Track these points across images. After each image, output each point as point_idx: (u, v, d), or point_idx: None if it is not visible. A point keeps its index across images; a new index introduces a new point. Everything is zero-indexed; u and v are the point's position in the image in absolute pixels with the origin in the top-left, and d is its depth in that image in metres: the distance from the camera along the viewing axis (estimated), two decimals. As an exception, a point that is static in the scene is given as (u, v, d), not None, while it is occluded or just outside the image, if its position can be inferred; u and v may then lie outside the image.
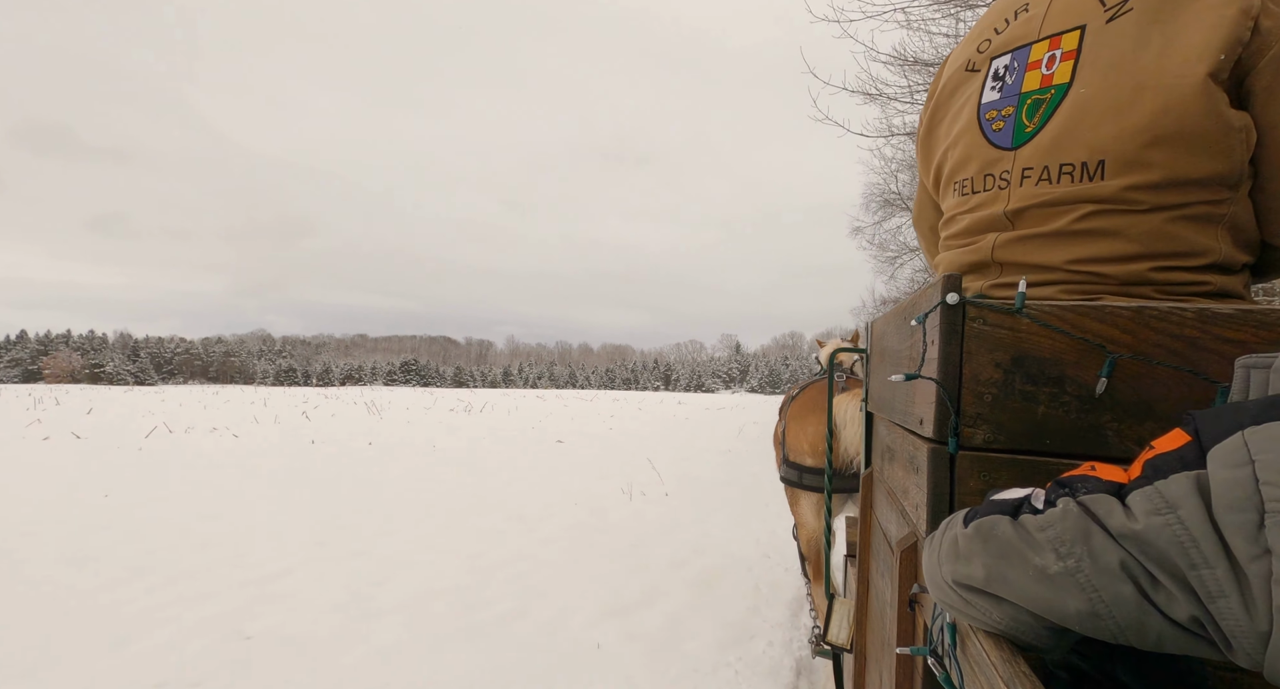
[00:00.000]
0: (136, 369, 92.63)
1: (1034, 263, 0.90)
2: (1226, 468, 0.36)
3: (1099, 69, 0.83)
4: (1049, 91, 0.88)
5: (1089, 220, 0.84)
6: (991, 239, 0.95)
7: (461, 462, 9.01)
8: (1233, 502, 0.35)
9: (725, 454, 10.58)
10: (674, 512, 5.90)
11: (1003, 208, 0.94)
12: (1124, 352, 0.67)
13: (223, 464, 8.45)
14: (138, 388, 62.08)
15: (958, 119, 1.04)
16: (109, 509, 5.57)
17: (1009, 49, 0.96)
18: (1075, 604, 0.42)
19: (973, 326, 0.73)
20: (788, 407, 3.16)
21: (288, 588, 3.69)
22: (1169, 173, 0.80)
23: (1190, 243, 0.81)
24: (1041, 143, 0.89)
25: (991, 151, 0.96)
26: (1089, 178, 0.84)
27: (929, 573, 0.56)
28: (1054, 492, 0.48)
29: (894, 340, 1.06)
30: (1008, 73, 0.95)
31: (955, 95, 1.06)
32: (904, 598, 0.84)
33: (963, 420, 0.73)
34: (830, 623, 1.54)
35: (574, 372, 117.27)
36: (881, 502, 1.21)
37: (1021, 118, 0.92)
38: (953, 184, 1.05)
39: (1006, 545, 0.46)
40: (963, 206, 1.02)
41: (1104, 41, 0.84)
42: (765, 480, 7.56)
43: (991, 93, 0.97)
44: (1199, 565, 0.36)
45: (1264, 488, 0.34)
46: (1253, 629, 0.34)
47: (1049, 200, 0.88)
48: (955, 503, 0.74)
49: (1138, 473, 0.43)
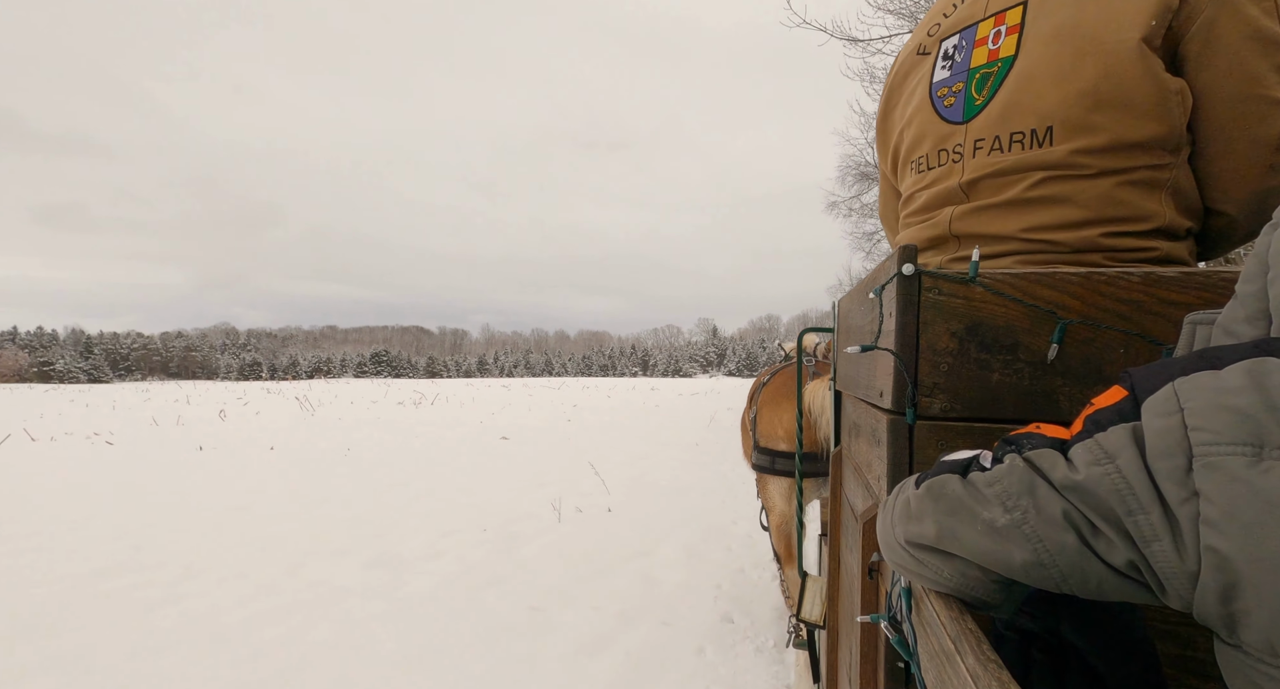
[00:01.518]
0: (89, 366, 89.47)
1: (990, 233, 0.93)
2: (1158, 417, 0.38)
3: (1041, 39, 0.87)
4: (996, 65, 0.92)
5: (1040, 187, 0.87)
6: (949, 213, 0.98)
7: (365, 471, 7.18)
8: (1164, 448, 0.36)
9: (691, 449, 9.15)
10: (612, 539, 4.37)
11: (957, 180, 0.97)
12: (1074, 317, 0.68)
13: (55, 473, 7.07)
14: (94, 386, 59.88)
15: (911, 100, 1.07)
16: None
17: (957, 29, 1.00)
18: (1021, 555, 0.43)
19: (928, 297, 0.73)
20: (759, 393, 3.16)
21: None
22: (1113, 136, 0.83)
23: (1137, 207, 0.84)
24: (991, 114, 0.92)
25: (944, 127, 0.99)
26: (1038, 144, 0.88)
27: (883, 536, 0.57)
28: (1001, 449, 0.49)
29: (857, 316, 1.07)
30: (956, 52, 0.99)
31: (908, 79, 1.10)
32: (865, 567, 0.85)
33: (920, 390, 0.73)
34: (803, 600, 1.57)
35: (550, 359, 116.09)
36: (849, 477, 1.22)
37: (971, 91, 0.95)
38: (910, 163, 1.09)
39: (956, 502, 0.48)
40: (920, 183, 1.05)
41: (1045, 13, 0.88)
42: (737, 484, 6.32)
43: (942, 71, 1.01)
44: (1135, 511, 0.37)
45: (1192, 433, 0.35)
46: (1183, 570, 0.35)
47: (1001, 169, 0.91)
48: (914, 472, 0.74)
49: (1079, 429, 0.45)
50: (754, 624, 2.92)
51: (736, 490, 6.07)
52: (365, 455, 8.48)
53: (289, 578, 3.63)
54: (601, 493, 6.00)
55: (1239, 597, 0.33)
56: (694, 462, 7.99)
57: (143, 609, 3.19)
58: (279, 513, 5.18)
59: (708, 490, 6.11)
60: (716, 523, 4.82)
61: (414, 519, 4.96)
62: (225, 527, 4.76)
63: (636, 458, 8.29)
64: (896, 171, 1.17)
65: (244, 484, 6.46)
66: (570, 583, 3.52)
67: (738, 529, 4.63)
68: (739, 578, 3.58)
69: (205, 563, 3.91)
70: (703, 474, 7.05)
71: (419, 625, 2.94)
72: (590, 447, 9.40)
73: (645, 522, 4.88)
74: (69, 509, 5.37)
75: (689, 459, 8.22)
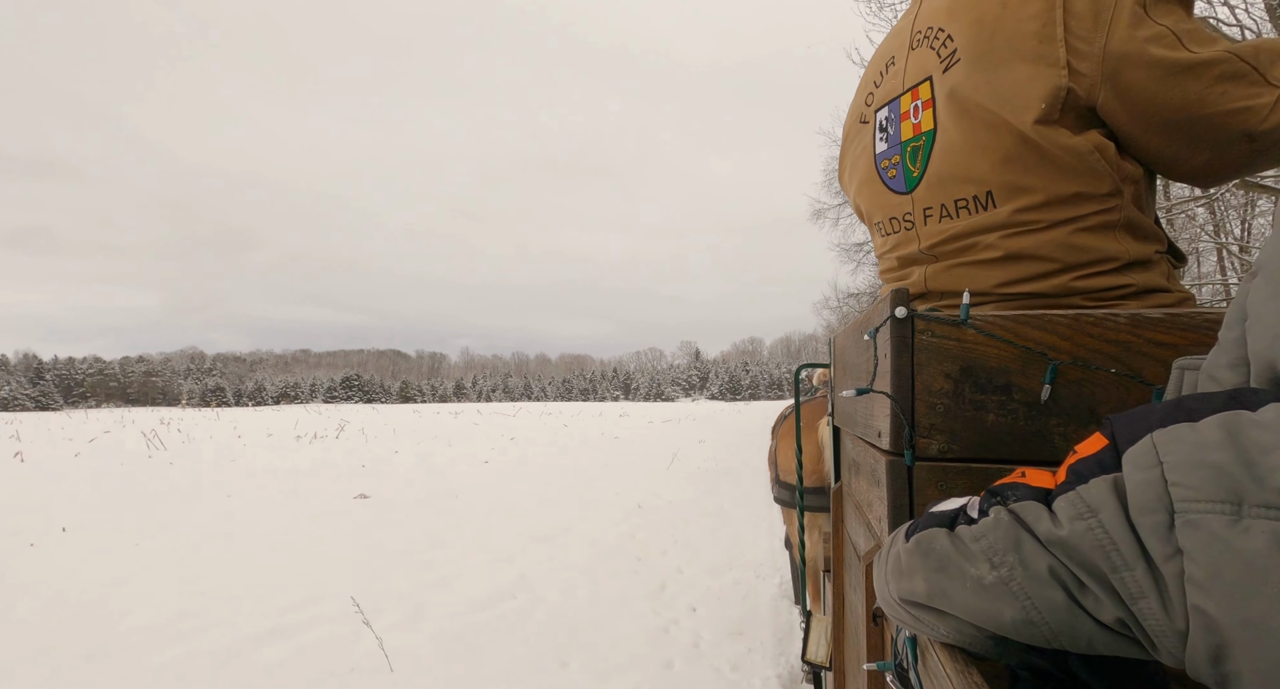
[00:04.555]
0: (38, 393, 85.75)
1: (967, 289, 0.94)
2: (1139, 470, 0.37)
3: (952, 115, 0.90)
4: (921, 138, 0.96)
5: (1000, 246, 0.89)
6: (921, 272, 1.02)
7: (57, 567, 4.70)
8: (1145, 503, 0.36)
9: (630, 517, 6.04)
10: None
11: (917, 247, 1.01)
12: (1064, 358, 0.69)
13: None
14: (37, 414, 55.39)
15: (858, 168, 1.13)
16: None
17: (885, 102, 1.04)
18: (1010, 613, 0.43)
19: (922, 339, 0.74)
20: (779, 426, 3.20)
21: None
22: (1048, 194, 0.85)
23: (1098, 250, 0.85)
24: (930, 183, 0.96)
25: (892, 197, 1.04)
26: (981, 208, 0.91)
27: (879, 590, 0.56)
28: (987, 500, 0.49)
29: (852, 355, 1.08)
30: (889, 124, 1.03)
31: (854, 144, 1.15)
32: (870, 613, 0.84)
33: (918, 431, 0.74)
34: (809, 641, 1.53)
35: (529, 383, 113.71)
36: (850, 515, 1.21)
37: (907, 164, 0.99)
38: (873, 225, 1.14)
39: (944, 558, 0.47)
40: (885, 247, 1.10)
41: (946, 89, 0.91)
42: (687, 620, 3.57)
43: (881, 143, 1.05)
44: (1120, 568, 0.37)
45: (1172, 489, 0.35)
46: (1172, 628, 0.35)
47: (955, 234, 0.94)
48: (914, 514, 0.74)
49: (1063, 478, 0.44)
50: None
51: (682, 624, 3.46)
52: (72, 542, 5.52)
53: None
54: (407, 633, 3.39)
55: (1228, 659, 0.32)
56: (618, 550, 4.87)
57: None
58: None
59: (619, 639, 3.29)
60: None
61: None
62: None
63: (534, 540, 5.32)
64: (868, 226, 1.20)
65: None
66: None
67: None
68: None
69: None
70: (622, 587, 4.01)
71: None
72: (477, 517, 6.26)
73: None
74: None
75: (612, 545, 5.08)
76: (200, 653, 3.25)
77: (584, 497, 7.53)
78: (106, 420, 32.40)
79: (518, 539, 5.39)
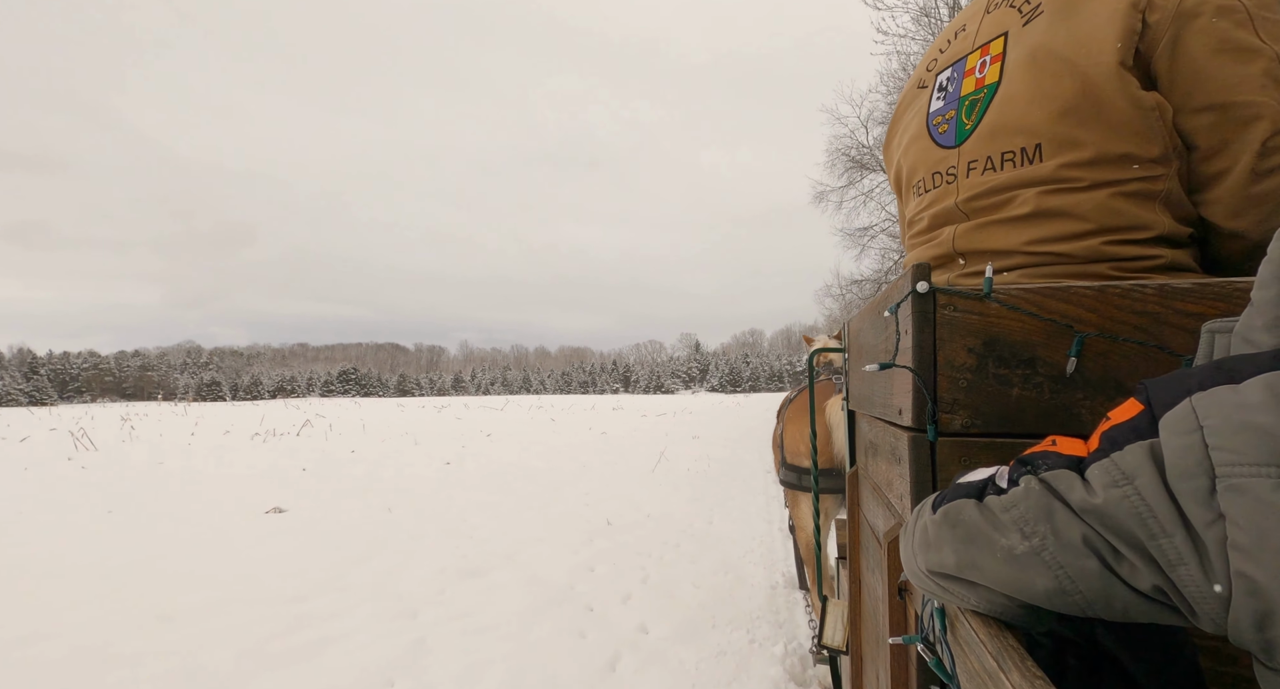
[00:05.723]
0: (31, 388, 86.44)
1: (993, 249, 0.95)
2: (1177, 435, 0.36)
3: (1020, 65, 0.92)
4: (982, 92, 0.97)
5: (1037, 202, 0.90)
6: (950, 231, 1.01)
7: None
8: (1185, 469, 0.35)
9: (589, 547, 4.61)
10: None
11: (954, 200, 1.01)
12: (1091, 330, 0.69)
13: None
14: (29, 409, 52.79)
15: (908, 130, 1.14)
16: None
17: (950, 63, 1.06)
18: (1043, 582, 0.42)
19: (944, 314, 0.74)
20: (785, 408, 3.19)
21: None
22: (1098, 150, 0.86)
23: (1134, 217, 0.86)
24: (980, 135, 0.97)
25: (938, 152, 1.05)
26: (1028, 161, 0.91)
27: (906, 564, 0.56)
28: (1016, 469, 0.48)
29: (870, 335, 1.08)
30: (949, 83, 1.05)
31: (908, 110, 1.17)
32: (894, 588, 0.84)
33: (940, 407, 0.73)
34: (825, 626, 1.54)
35: (529, 376, 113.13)
36: (868, 498, 1.21)
37: (961, 118, 1.01)
38: (911, 187, 1.14)
39: (973, 529, 0.47)
40: (920, 206, 1.10)
41: (1022, 41, 0.93)
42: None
43: (937, 102, 1.07)
44: (1158, 535, 0.36)
45: (1213, 453, 0.34)
46: (1213, 594, 0.34)
47: (995, 187, 0.95)
48: (938, 489, 0.74)
49: (1096, 445, 0.44)
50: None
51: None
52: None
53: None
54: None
55: (1275, 624, 0.31)
56: (565, 595, 3.61)
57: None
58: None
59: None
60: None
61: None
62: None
63: (460, 577, 3.96)
64: (902, 197, 1.22)
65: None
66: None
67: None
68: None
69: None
70: (554, 667, 2.73)
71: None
72: (401, 540, 4.93)
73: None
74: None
75: (559, 585, 3.78)
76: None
77: (546, 509, 6.11)
78: (67, 417, 29.13)
79: (438, 576, 3.99)
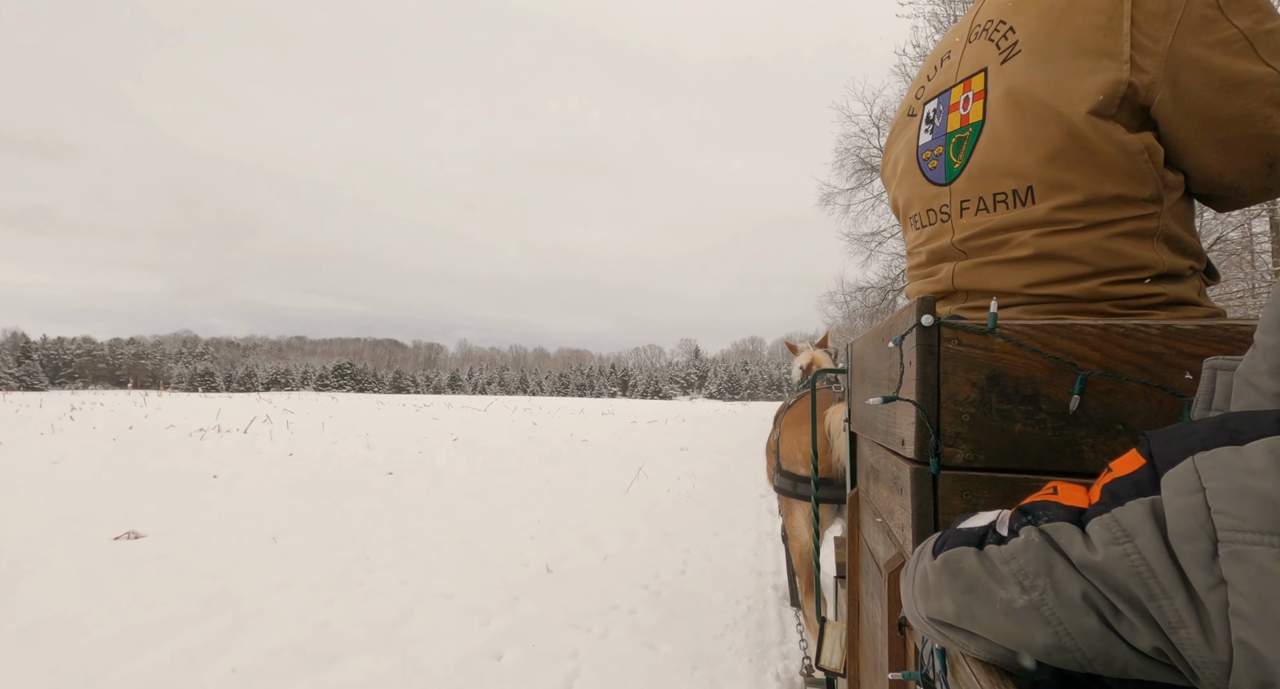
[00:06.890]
0: (23, 372, 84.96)
1: (993, 289, 0.94)
2: (1179, 495, 0.36)
3: (1003, 106, 0.90)
4: (967, 129, 0.96)
5: (1033, 244, 0.88)
6: (950, 268, 1.01)
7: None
8: (1186, 530, 0.35)
9: (507, 614, 3.20)
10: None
11: (950, 239, 1.00)
12: (1094, 368, 0.69)
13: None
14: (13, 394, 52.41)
15: (899, 161, 1.13)
16: None
17: (936, 94, 1.04)
18: (1041, 637, 0.42)
19: (948, 348, 0.74)
20: (783, 415, 3.19)
21: None
22: (1090, 193, 0.85)
23: (1132, 257, 0.84)
24: (971, 175, 0.95)
25: (930, 188, 1.03)
26: (1020, 203, 0.90)
27: (907, 607, 0.55)
28: (1017, 519, 0.48)
29: (874, 361, 1.08)
30: (936, 116, 1.03)
31: (899, 139, 1.15)
32: (894, 621, 0.84)
33: (943, 440, 0.74)
34: (823, 647, 1.53)
35: (526, 377, 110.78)
36: (868, 522, 1.21)
37: (950, 155, 0.99)
38: (908, 220, 1.13)
39: (973, 580, 0.46)
40: (918, 240, 1.10)
41: (1002, 81, 0.90)
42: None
43: (925, 135, 1.05)
44: (1158, 596, 0.36)
45: (1215, 516, 0.34)
46: (1214, 659, 0.34)
47: (990, 228, 0.93)
48: (939, 523, 0.74)
49: (1097, 497, 0.43)
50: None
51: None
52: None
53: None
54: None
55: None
56: None
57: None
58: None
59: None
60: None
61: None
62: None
63: (300, 668, 2.60)
64: (901, 223, 1.21)
65: None
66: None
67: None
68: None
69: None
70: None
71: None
72: (261, 590, 3.57)
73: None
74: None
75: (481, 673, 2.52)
76: None
77: (478, 544, 4.71)
78: (17, 402, 27.72)
79: (271, 660, 2.67)
